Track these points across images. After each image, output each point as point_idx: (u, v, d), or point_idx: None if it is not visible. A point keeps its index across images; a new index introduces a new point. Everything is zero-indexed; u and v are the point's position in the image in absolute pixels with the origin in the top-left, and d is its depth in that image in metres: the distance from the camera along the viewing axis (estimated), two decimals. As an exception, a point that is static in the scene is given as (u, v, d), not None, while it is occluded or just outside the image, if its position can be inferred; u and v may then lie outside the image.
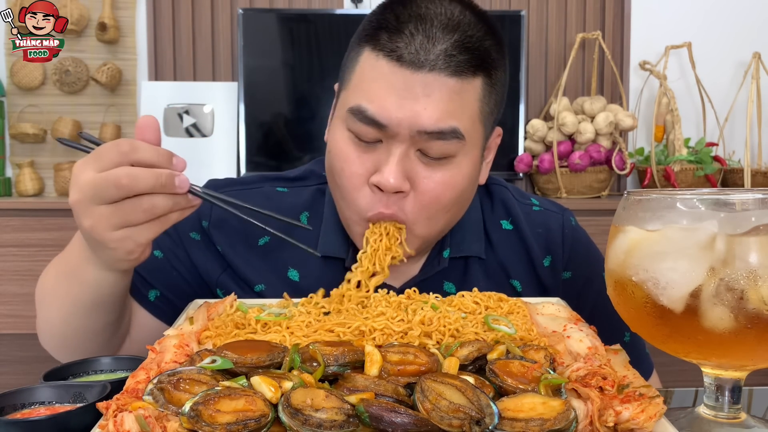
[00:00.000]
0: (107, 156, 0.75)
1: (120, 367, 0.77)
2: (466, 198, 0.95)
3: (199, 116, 2.55)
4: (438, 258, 1.02)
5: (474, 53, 0.85)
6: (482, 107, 0.89)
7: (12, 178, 2.59)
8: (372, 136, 0.86)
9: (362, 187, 0.88)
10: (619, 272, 0.68)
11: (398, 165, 0.85)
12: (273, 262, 1.02)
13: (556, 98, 2.55)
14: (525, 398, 0.56)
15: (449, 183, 0.88)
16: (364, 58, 0.87)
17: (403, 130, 0.84)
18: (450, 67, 0.83)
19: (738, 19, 2.70)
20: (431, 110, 0.83)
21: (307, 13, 2.57)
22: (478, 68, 0.86)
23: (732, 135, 2.68)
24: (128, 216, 0.76)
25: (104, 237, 0.78)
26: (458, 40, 0.85)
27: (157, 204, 0.76)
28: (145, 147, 0.76)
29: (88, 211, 0.76)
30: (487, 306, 0.80)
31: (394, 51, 0.83)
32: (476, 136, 0.90)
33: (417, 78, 0.83)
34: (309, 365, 0.61)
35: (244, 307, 0.80)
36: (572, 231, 1.08)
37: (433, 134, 0.84)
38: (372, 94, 0.85)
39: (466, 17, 0.88)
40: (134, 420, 0.51)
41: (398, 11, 0.87)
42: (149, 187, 0.75)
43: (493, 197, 1.09)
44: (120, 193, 0.74)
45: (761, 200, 0.62)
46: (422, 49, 0.83)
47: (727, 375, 0.67)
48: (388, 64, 0.84)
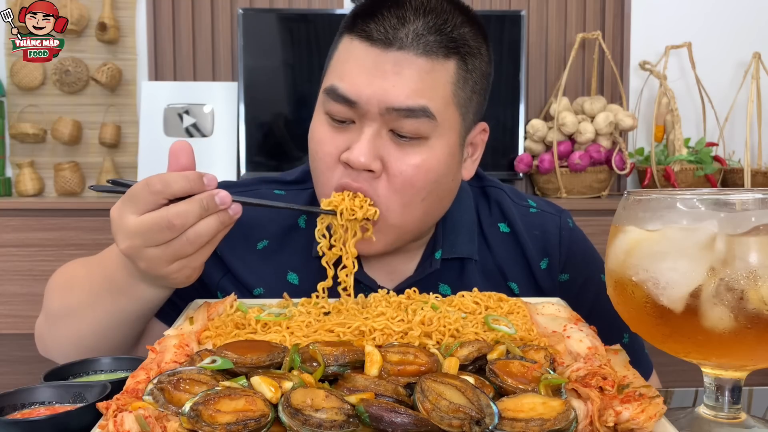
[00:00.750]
0: (142, 198, 0.76)
1: (120, 367, 0.77)
2: (445, 188, 0.94)
3: (199, 116, 2.55)
4: (430, 259, 1.01)
5: (446, 35, 0.87)
6: (456, 91, 0.89)
7: (12, 178, 2.59)
8: (344, 115, 0.88)
9: (335, 165, 0.89)
10: (619, 272, 0.68)
11: (369, 143, 0.86)
12: (272, 266, 1.02)
13: (556, 98, 2.55)
14: (525, 398, 0.56)
15: (422, 166, 0.88)
16: (342, 45, 0.90)
17: (373, 108, 0.85)
18: (419, 46, 0.85)
19: (738, 19, 2.70)
20: (400, 87, 0.84)
21: (307, 13, 2.57)
22: (451, 51, 0.87)
23: (732, 135, 2.68)
24: (179, 252, 0.77)
25: (162, 272, 0.79)
26: (430, 22, 0.86)
27: (203, 231, 0.77)
28: (175, 179, 0.76)
29: (141, 254, 0.78)
30: (487, 306, 0.80)
31: (365, 31, 0.86)
32: (450, 119, 0.90)
33: (387, 57, 0.85)
34: (309, 365, 0.61)
35: (244, 307, 0.80)
36: (569, 233, 1.07)
37: (402, 111, 0.85)
38: (344, 74, 0.87)
39: (443, 4, 0.89)
40: (134, 420, 0.51)
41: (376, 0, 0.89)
42: (197, 217, 0.76)
43: (490, 199, 1.09)
44: (172, 234, 0.75)
45: (761, 200, 0.62)
46: (392, 29, 0.85)
47: (727, 375, 0.67)
48: (361, 45, 0.86)
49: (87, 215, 2.18)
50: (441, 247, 1.01)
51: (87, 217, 2.18)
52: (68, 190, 2.54)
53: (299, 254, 1.02)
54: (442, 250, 1.01)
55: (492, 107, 3.00)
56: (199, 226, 0.76)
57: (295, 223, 1.05)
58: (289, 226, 1.04)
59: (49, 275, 1.02)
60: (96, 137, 2.60)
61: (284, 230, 1.04)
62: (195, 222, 0.76)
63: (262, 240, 1.04)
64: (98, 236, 2.16)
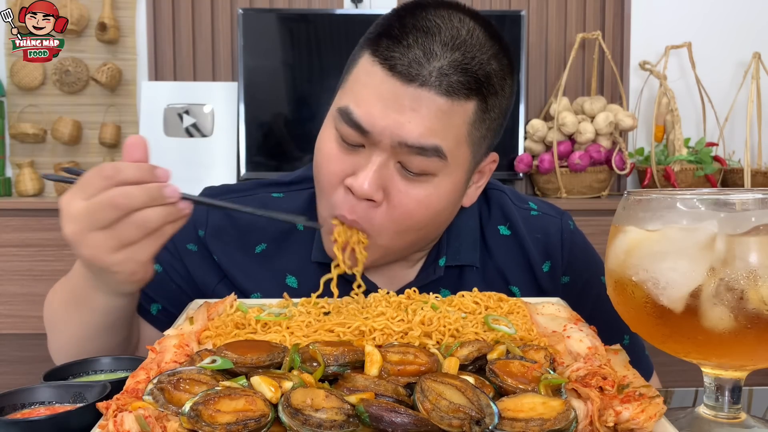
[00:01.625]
0: (93, 183, 0.76)
1: (120, 367, 0.78)
2: (443, 220, 0.94)
3: (199, 116, 2.55)
4: (434, 266, 1.01)
5: (471, 76, 0.83)
6: (471, 131, 0.87)
7: (12, 178, 2.59)
8: (355, 140, 0.85)
9: (338, 186, 0.88)
10: (619, 272, 0.68)
11: (375, 173, 0.84)
12: (270, 270, 1.02)
13: (556, 98, 2.55)
14: (525, 398, 0.56)
15: (424, 201, 0.87)
16: (362, 62, 0.87)
17: (385, 139, 0.83)
18: (442, 85, 0.82)
19: (738, 19, 2.70)
20: (415, 124, 0.82)
21: (307, 13, 2.57)
22: (473, 92, 0.84)
23: (732, 135, 2.68)
24: (124, 235, 0.76)
25: (105, 262, 0.78)
26: (456, 60, 0.83)
27: (150, 217, 0.76)
28: (126, 166, 0.77)
29: (86, 239, 0.76)
30: (487, 306, 0.80)
31: (389, 60, 0.82)
32: (461, 158, 0.88)
33: (407, 91, 0.82)
34: (309, 365, 0.61)
35: (244, 307, 0.80)
36: (571, 235, 1.07)
37: (414, 148, 0.83)
38: (360, 98, 0.84)
39: (474, 37, 0.85)
40: (134, 420, 0.51)
41: (405, 19, 0.85)
42: (143, 202, 0.75)
43: (491, 202, 1.08)
44: (116, 213, 0.75)
45: (761, 200, 0.62)
46: (417, 63, 0.81)
47: (727, 375, 0.67)
48: (382, 72, 0.83)
49: (87, 215, 2.18)
50: (445, 254, 1.01)
51: (87, 217, 2.17)
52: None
53: (298, 257, 1.02)
54: (447, 257, 1.01)
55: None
56: (146, 212, 0.76)
57: (293, 226, 1.04)
58: (288, 228, 1.03)
59: (49, 275, 1.04)
60: (96, 137, 2.61)
61: (283, 233, 1.03)
62: (140, 207, 0.75)
63: (261, 243, 1.03)
64: (98, 236, 2.16)
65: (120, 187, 0.75)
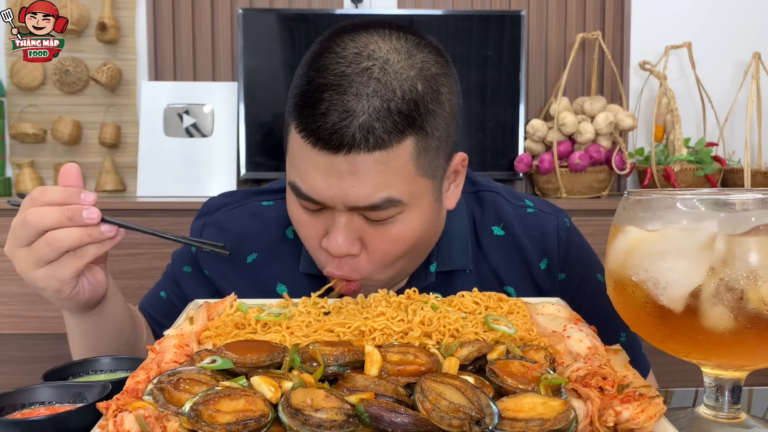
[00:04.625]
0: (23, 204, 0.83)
1: (120, 367, 0.78)
2: (428, 238, 0.94)
3: (199, 116, 2.55)
4: (425, 272, 1.01)
5: (397, 116, 0.80)
6: (418, 163, 0.84)
7: (12, 178, 2.59)
8: (315, 207, 0.87)
9: (318, 248, 0.90)
10: (619, 272, 0.68)
11: (344, 230, 0.85)
12: (260, 280, 1.03)
13: (556, 98, 2.55)
14: (525, 398, 0.56)
15: (399, 238, 0.87)
16: (292, 133, 0.84)
17: (339, 205, 0.84)
18: (369, 142, 0.79)
19: (738, 19, 2.70)
20: (358, 188, 0.81)
21: (307, 13, 2.57)
22: (406, 130, 0.81)
23: (732, 135, 2.68)
24: (39, 253, 0.81)
25: (30, 277, 0.84)
26: (376, 107, 0.79)
27: (60, 237, 0.80)
28: (52, 189, 0.83)
29: (14, 256, 0.83)
30: (487, 306, 0.80)
31: (312, 134, 0.80)
32: (419, 190, 0.86)
33: (339, 159, 0.80)
34: (309, 365, 0.61)
35: (244, 307, 0.80)
36: (567, 233, 1.07)
37: (367, 207, 0.83)
38: (302, 173, 0.84)
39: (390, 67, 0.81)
40: (134, 420, 0.51)
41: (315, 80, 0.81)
42: (55, 220, 0.80)
43: (484, 204, 1.07)
44: (29, 232, 0.81)
45: (761, 200, 0.62)
46: (338, 131, 0.78)
47: (727, 375, 0.67)
48: (310, 147, 0.81)
49: (87, 215, 2.18)
50: (436, 260, 1.01)
51: (87, 217, 2.17)
52: (68, 190, 2.54)
53: (288, 266, 1.03)
54: (437, 263, 1.01)
55: (492, 107, 2.99)
56: (57, 232, 0.80)
57: (283, 234, 1.05)
58: (279, 237, 1.05)
59: None
60: (96, 137, 2.61)
61: (273, 242, 1.05)
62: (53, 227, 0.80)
63: (251, 253, 1.04)
64: (98, 236, 2.16)
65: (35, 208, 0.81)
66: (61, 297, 0.86)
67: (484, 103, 2.51)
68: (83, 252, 0.83)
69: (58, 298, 0.87)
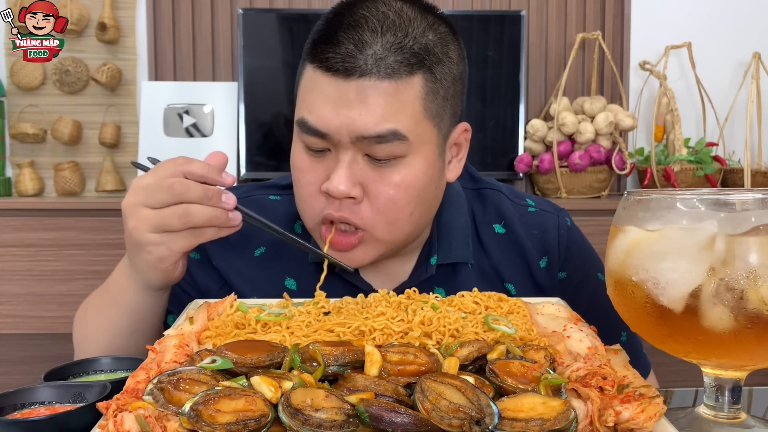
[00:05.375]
0: (164, 166, 0.83)
1: (120, 367, 0.78)
2: (429, 198, 0.94)
3: (199, 116, 2.55)
4: (426, 265, 1.02)
5: (408, 52, 0.85)
6: (426, 105, 0.87)
7: (12, 178, 2.59)
8: (319, 146, 0.88)
9: (317, 194, 0.91)
10: (619, 272, 0.68)
11: (346, 171, 0.86)
12: (269, 273, 1.03)
13: (556, 98, 2.55)
14: (525, 398, 0.56)
15: (402, 184, 0.88)
16: (306, 72, 0.89)
17: (344, 137, 0.85)
18: (381, 70, 0.83)
19: (738, 19, 2.70)
20: (366, 115, 0.84)
21: (307, 13, 2.57)
22: (415, 66, 0.85)
23: (732, 135, 2.68)
24: (166, 220, 0.81)
25: (143, 238, 0.83)
26: (389, 42, 0.84)
27: (194, 212, 0.81)
28: (198, 162, 0.84)
29: (135, 212, 0.83)
30: (487, 306, 0.80)
31: (325, 62, 0.85)
32: (425, 134, 0.89)
33: (349, 85, 0.84)
34: (309, 365, 0.61)
35: (244, 307, 0.80)
36: (567, 231, 1.08)
37: (373, 138, 0.85)
38: (311, 105, 0.87)
39: (403, 15, 0.87)
40: (134, 420, 0.51)
41: (333, 21, 0.87)
42: (197, 197, 0.81)
43: (486, 201, 1.09)
44: (169, 198, 0.81)
45: (761, 200, 0.62)
46: (351, 57, 0.83)
47: (727, 375, 0.67)
48: (323, 75, 0.85)
49: (87, 215, 2.18)
50: (436, 253, 1.02)
51: (87, 217, 2.17)
52: (68, 190, 2.54)
53: (296, 259, 1.03)
54: (438, 255, 1.02)
55: (492, 107, 2.99)
56: (193, 207, 0.81)
57: (291, 229, 1.05)
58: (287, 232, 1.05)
59: (49, 275, 1.05)
60: (96, 137, 2.60)
61: None
62: (192, 201, 0.81)
63: (260, 247, 1.04)
64: (98, 236, 2.16)
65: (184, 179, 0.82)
66: (161, 267, 0.86)
67: (484, 103, 2.51)
68: (203, 231, 0.84)
69: (156, 267, 0.86)
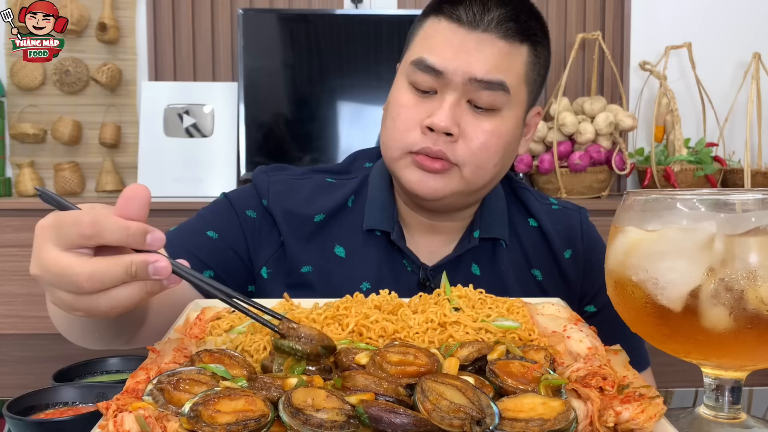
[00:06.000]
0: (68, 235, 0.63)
1: (127, 367, 0.78)
2: (509, 157, 1.05)
3: (199, 116, 2.55)
4: (469, 237, 1.10)
5: (521, 24, 0.98)
6: (527, 72, 1.01)
7: (12, 178, 2.59)
8: (429, 85, 0.98)
9: (414, 128, 0.98)
10: (619, 272, 0.68)
11: (450, 110, 0.96)
12: (320, 240, 1.08)
13: (556, 98, 2.55)
14: (525, 398, 0.56)
15: (495, 132, 0.98)
16: (428, 24, 1.01)
17: (457, 78, 0.95)
18: (500, 30, 0.97)
19: (738, 19, 2.70)
20: (482, 63, 0.95)
21: (307, 13, 2.57)
22: (525, 38, 0.99)
23: (732, 135, 2.68)
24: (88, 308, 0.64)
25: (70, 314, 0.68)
26: (508, 13, 0.98)
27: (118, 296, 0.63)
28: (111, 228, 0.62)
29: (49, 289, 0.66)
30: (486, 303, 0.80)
31: (454, 14, 0.97)
32: (520, 95, 1.01)
33: (472, 36, 0.96)
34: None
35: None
36: (588, 227, 1.18)
37: (483, 83, 0.95)
38: (432, 48, 0.98)
39: None
40: (134, 420, 0.51)
41: None
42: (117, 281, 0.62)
43: (518, 198, 1.19)
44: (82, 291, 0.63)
45: (761, 200, 0.62)
46: (478, 14, 0.97)
47: (727, 375, 0.67)
48: (449, 25, 0.97)
49: (87, 215, 2.18)
50: (479, 228, 1.10)
51: (87, 217, 2.17)
52: (68, 190, 2.54)
53: (348, 228, 1.09)
54: (480, 230, 1.10)
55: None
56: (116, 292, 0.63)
57: (345, 203, 1.10)
58: (340, 204, 1.11)
59: None
60: (96, 137, 2.60)
61: (338, 206, 1.10)
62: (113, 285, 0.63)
63: (320, 213, 1.09)
64: (98, 236, 2.16)
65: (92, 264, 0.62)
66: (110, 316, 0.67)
67: (484, 103, 2.51)
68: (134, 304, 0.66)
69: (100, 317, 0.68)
